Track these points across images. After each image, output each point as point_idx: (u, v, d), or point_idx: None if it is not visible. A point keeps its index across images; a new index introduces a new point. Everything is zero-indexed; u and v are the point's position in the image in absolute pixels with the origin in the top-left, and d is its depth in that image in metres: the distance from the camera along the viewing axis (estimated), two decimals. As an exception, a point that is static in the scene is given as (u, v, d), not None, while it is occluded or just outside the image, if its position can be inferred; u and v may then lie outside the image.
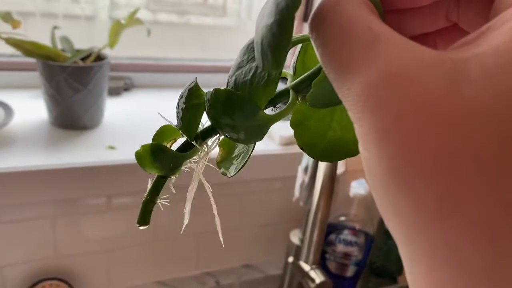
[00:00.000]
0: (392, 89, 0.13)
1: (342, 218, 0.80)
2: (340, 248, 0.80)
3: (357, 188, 0.78)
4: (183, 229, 0.24)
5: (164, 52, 0.97)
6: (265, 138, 0.30)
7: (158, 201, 0.22)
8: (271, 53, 0.17)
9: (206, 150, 0.22)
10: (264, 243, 0.89)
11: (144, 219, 0.21)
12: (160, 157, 0.21)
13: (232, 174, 0.23)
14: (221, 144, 0.24)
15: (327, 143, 0.22)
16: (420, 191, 0.12)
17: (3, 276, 0.68)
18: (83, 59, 0.72)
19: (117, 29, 0.72)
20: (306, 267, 0.71)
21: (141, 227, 0.22)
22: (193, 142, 0.21)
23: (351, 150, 0.22)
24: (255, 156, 0.73)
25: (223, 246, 0.24)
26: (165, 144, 0.22)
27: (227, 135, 0.20)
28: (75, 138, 0.70)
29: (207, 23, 1.03)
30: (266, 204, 0.84)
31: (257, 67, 0.20)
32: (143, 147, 0.20)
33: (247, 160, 0.23)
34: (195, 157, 0.22)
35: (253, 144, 0.22)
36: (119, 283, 0.77)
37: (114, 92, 0.86)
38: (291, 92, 0.20)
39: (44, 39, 0.69)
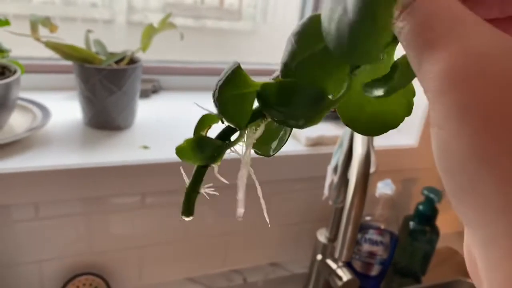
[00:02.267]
0: (478, 67, 0.13)
1: (368, 218, 0.82)
2: (366, 247, 0.81)
3: (383, 188, 0.79)
4: (239, 216, 0.22)
5: (182, 56, 0.99)
6: (291, 138, 0.30)
7: (202, 191, 0.22)
8: (368, 46, 0.16)
9: (251, 135, 0.21)
10: (290, 242, 0.90)
11: (188, 210, 0.21)
12: (204, 148, 0.21)
13: (271, 153, 0.23)
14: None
15: (367, 116, 0.22)
16: (505, 168, 0.12)
17: (41, 270, 0.70)
18: (116, 62, 0.75)
19: (149, 32, 0.74)
20: (333, 265, 0.72)
21: (186, 218, 0.21)
22: (240, 130, 0.21)
23: (390, 122, 0.22)
24: (281, 157, 0.75)
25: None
26: (202, 133, 0.22)
27: (282, 123, 0.20)
28: (109, 138, 0.72)
29: (222, 27, 1.04)
30: (292, 204, 0.86)
31: (323, 53, 0.19)
32: (187, 141, 0.20)
33: (285, 141, 0.23)
34: (239, 143, 0.22)
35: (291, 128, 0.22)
36: (150, 279, 0.79)
37: (144, 94, 0.89)
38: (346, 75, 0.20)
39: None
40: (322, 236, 0.78)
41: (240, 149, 0.22)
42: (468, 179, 0.13)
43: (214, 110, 0.21)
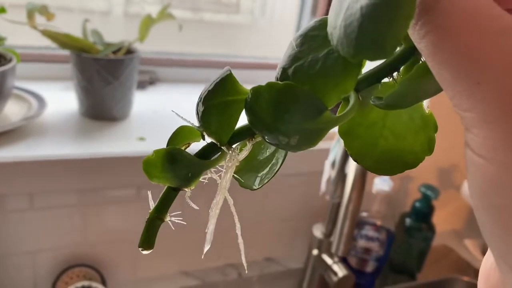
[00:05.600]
0: None
1: (364, 214, 0.81)
2: (361, 243, 0.81)
3: (381, 184, 0.79)
4: (204, 253, 0.21)
5: (179, 48, 0.98)
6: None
7: (167, 219, 0.18)
8: (383, 34, 0.13)
9: (234, 156, 0.18)
10: (285, 237, 0.90)
11: (148, 240, 0.18)
12: (177, 165, 0.17)
13: (256, 186, 0.20)
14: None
15: (380, 153, 0.19)
16: None
17: (35, 261, 0.70)
18: (113, 52, 0.74)
19: (148, 23, 0.74)
20: (329, 260, 0.72)
21: (145, 252, 0.18)
22: (223, 147, 0.18)
23: (408, 162, 0.19)
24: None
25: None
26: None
27: (271, 139, 0.16)
28: (105, 129, 0.71)
29: (220, 20, 1.04)
30: (288, 199, 0.86)
31: (328, 57, 0.16)
32: (157, 152, 0.17)
33: (277, 171, 0.19)
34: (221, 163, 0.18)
35: (286, 152, 0.19)
36: (145, 272, 0.79)
37: (140, 85, 0.88)
38: (352, 91, 0.17)
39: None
40: (318, 231, 0.78)
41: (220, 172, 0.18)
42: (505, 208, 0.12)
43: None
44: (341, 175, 0.65)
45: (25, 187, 0.63)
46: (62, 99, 0.77)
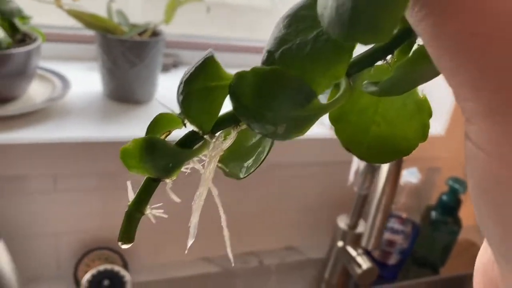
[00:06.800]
0: None
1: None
2: (386, 236, 0.79)
3: (408, 176, 0.77)
4: (187, 250, 0.20)
5: (199, 31, 0.96)
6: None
7: (147, 212, 0.18)
8: (380, 15, 0.12)
9: (218, 145, 0.17)
10: (306, 227, 0.88)
11: (127, 234, 0.17)
12: (156, 155, 0.16)
13: (242, 176, 0.19)
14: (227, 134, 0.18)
15: (372, 139, 0.18)
16: None
17: (57, 243, 0.70)
18: (139, 34, 0.72)
19: (174, 5, 0.72)
20: (353, 252, 0.71)
21: (124, 246, 0.17)
22: (205, 136, 0.17)
23: (401, 149, 0.18)
24: (304, 140, 0.72)
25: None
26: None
27: (256, 127, 0.15)
28: (129, 111, 0.70)
29: (240, 4, 1.01)
30: (309, 188, 0.84)
31: (317, 40, 0.15)
32: (135, 141, 0.16)
33: (263, 159, 0.18)
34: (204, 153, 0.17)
35: (272, 141, 0.18)
36: (166, 257, 0.78)
37: (164, 68, 0.87)
38: (343, 76, 0.16)
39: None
40: (342, 222, 0.76)
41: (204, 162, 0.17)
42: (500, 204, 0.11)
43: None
44: (371, 167, 0.63)
45: (49, 169, 0.62)
46: (86, 80, 0.76)
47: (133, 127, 0.66)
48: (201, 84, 0.16)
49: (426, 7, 0.12)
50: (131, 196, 0.17)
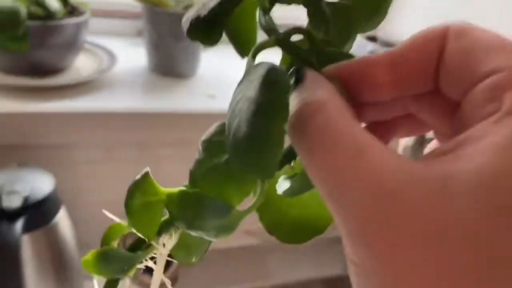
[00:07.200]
0: (385, 211, 0.12)
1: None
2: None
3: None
4: None
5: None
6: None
7: None
8: (259, 158, 0.15)
9: (164, 245, 0.19)
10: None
11: None
12: (111, 262, 0.19)
13: (195, 261, 0.21)
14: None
15: (291, 222, 0.20)
16: None
17: (102, 212, 0.71)
18: (184, 8, 0.73)
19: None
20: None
21: None
22: (152, 242, 0.19)
23: (317, 228, 0.20)
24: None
25: None
26: (114, 243, 0.21)
27: (191, 232, 0.18)
28: (174, 85, 0.71)
29: None
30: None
31: (228, 163, 0.18)
32: (92, 253, 0.19)
33: (207, 248, 0.21)
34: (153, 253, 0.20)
35: None
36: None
37: (205, 45, 0.87)
38: (258, 181, 0.18)
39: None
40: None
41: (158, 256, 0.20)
42: None
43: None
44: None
45: (95, 139, 0.64)
46: (131, 55, 0.77)
47: (178, 100, 0.67)
48: (140, 200, 0.18)
49: (297, 143, 0.15)
50: None
